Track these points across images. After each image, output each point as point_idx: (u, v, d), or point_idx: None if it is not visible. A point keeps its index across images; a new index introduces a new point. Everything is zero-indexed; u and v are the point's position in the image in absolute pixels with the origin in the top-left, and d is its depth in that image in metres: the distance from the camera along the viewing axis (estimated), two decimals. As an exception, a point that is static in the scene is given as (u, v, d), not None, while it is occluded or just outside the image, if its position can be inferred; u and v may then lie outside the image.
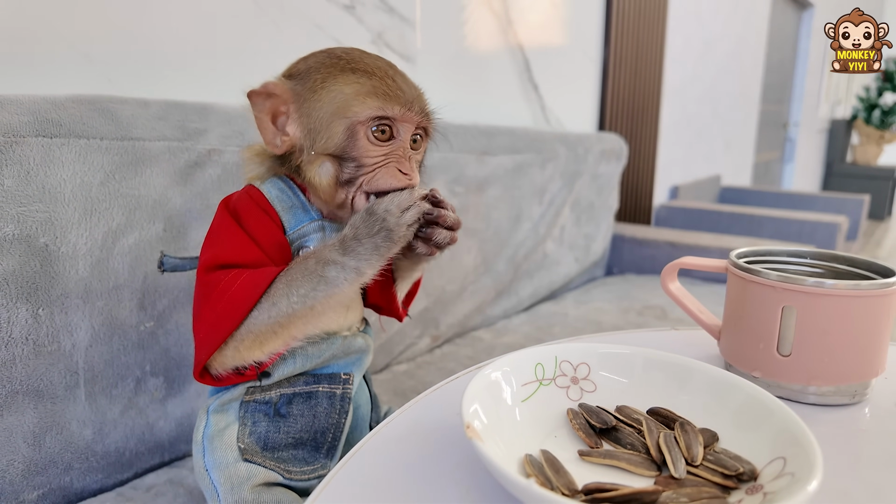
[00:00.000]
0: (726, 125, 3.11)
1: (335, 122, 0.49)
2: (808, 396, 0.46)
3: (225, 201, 0.53)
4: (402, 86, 0.50)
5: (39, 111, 0.59)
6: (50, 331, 0.59)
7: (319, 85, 0.49)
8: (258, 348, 0.48)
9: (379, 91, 0.49)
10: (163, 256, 0.65)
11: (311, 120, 0.50)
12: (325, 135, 0.49)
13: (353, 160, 0.49)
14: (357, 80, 0.49)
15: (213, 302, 0.47)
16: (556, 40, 1.64)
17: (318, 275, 0.47)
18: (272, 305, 0.47)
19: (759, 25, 3.31)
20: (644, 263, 1.68)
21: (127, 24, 0.78)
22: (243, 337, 0.47)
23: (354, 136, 0.49)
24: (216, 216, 0.52)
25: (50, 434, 0.60)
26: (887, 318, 0.45)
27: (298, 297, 0.46)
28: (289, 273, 0.47)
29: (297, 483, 0.53)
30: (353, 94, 0.49)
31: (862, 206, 2.76)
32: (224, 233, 0.50)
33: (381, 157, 0.50)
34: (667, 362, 0.43)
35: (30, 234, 0.57)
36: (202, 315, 0.48)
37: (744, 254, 0.53)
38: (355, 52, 0.51)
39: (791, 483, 0.30)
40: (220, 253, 0.49)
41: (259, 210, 0.51)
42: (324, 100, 0.49)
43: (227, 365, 0.49)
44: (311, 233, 0.52)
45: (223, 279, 0.47)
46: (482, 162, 1.18)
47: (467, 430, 0.33)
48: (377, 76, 0.49)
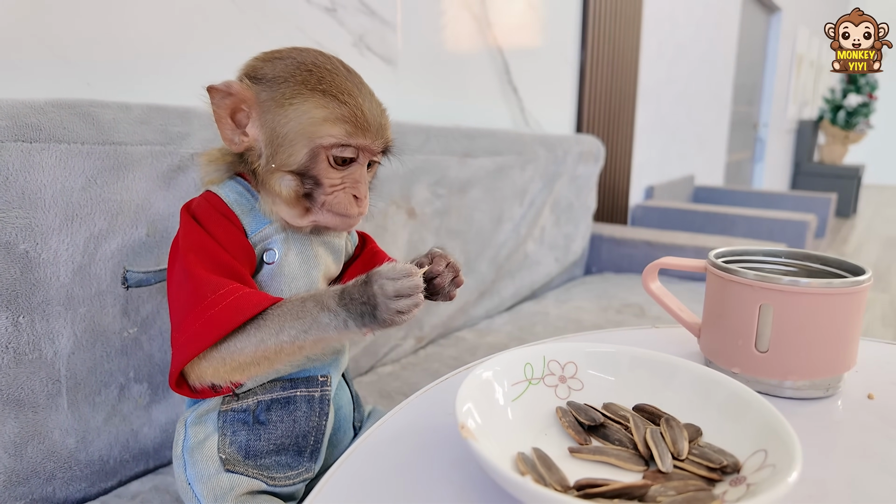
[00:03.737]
0: (699, 126, 3.18)
1: (299, 143, 0.49)
2: (784, 390, 0.48)
3: (185, 207, 0.52)
4: (368, 114, 0.51)
5: (19, 115, 0.58)
6: (31, 338, 0.58)
7: (287, 100, 0.49)
8: (240, 373, 0.48)
9: (348, 119, 0.49)
10: (125, 272, 0.63)
11: (274, 134, 0.50)
12: (288, 152, 0.49)
13: (312, 179, 0.50)
14: (326, 104, 0.49)
15: (196, 314, 0.46)
16: (535, 43, 1.66)
17: (312, 318, 0.46)
18: (261, 341, 0.46)
19: (730, 29, 3.39)
20: (622, 262, 1.71)
21: (105, 27, 0.77)
22: (227, 361, 0.47)
23: (316, 157, 0.50)
24: (181, 223, 0.51)
25: (32, 444, 0.59)
26: (858, 315, 0.47)
27: (288, 336, 0.46)
28: (282, 308, 0.47)
29: (281, 489, 0.53)
30: (321, 119, 0.49)
31: (829, 204, 2.85)
32: (194, 237, 0.50)
33: (339, 181, 0.51)
34: (651, 360, 0.44)
35: (9, 240, 0.56)
36: (184, 325, 0.47)
37: (722, 254, 0.55)
38: (325, 67, 0.51)
39: (772, 474, 0.31)
40: (199, 257, 0.48)
41: (219, 215, 0.51)
42: (290, 117, 0.49)
43: (204, 380, 0.48)
44: (273, 235, 0.52)
45: (210, 294, 0.46)
46: (464, 164, 1.19)
47: (462, 430, 0.34)
48: (347, 104, 0.49)
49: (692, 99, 2.99)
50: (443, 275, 0.53)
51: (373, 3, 1.13)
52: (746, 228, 2.14)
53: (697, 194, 3.09)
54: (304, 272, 0.53)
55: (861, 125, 5.49)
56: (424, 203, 1.11)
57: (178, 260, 0.49)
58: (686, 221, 2.26)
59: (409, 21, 1.22)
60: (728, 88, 3.56)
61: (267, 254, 0.52)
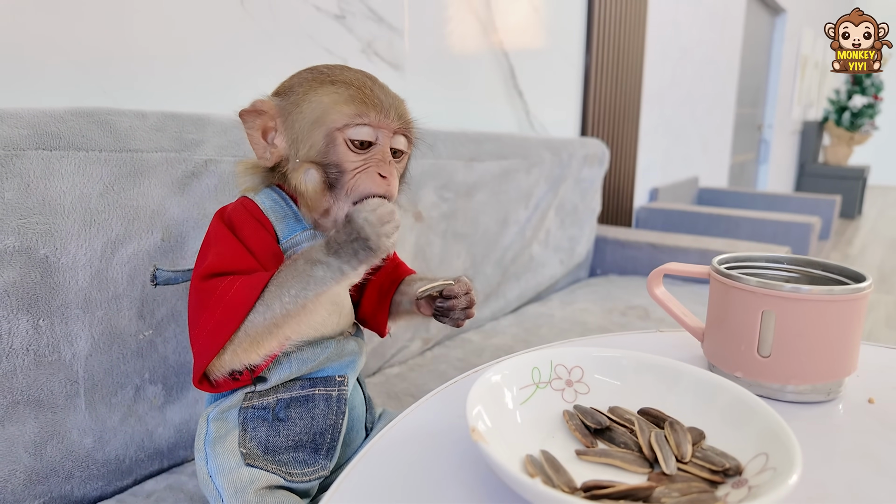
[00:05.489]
0: (703, 128, 3.18)
1: (315, 130, 0.51)
2: (786, 395, 0.49)
3: (220, 212, 0.54)
4: (379, 94, 0.53)
5: (39, 124, 0.59)
6: (50, 341, 0.60)
7: (301, 98, 0.52)
8: (254, 351, 0.49)
9: (356, 98, 0.51)
10: (155, 270, 0.66)
11: (294, 130, 0.52)
12: (308, 143, 0.52)
13: (335, 166, 0.52)
14: (335, 90, 0.52)
15: (211, 308, 0.48)
16: (540, 47, 1.67)
17: (307, 274, 0.48)
18: (266, 308, 0.48)
19: (734, 31, 3.39)
20: (626, 264, 1.72)
21: (120, 35, 0.78)
22: (241, 340, 0.48)
23: (333, 142, 0.51)
24: (211, 226, 0.53)
25: (51, 443, 0.61)
26: (859, 321, 0.48)
27: (290, 297, 0.48)
28: (279, 275, 0.49)
29: (297, 485, 0.55)
30: (331, 103, 0.51)
31: (834, 206, 2.85)
32: (219, 242, 0.52)
33: (361, 162, 0.52)
34: (656, 365, 0.45)
35: (30, 245, 0.58)
36: (200, 323, 0.49)
37: (725, 260, 0.56)
38: (337, 67, 0.54)
39: (773, 477, 0.32)
40: (216, 262, 0.50)
41: (253, 220, 0.53)
42: (305, 111, 0.52)
43: (224, 369, 0.50)
44: (304, 241, 0.54)
45: (219, 286, 0.49)
46: (470, 168, 1.20)
47: (473, 434, 0.35)
48: (354, 86, 0.52)
49: (696, 101, 2.99)
50: (458, 298, 0.56)
51: (381, 9, 1.15)
52: (750, 231, 2.14)
53: (702, 196, 3.09)
54: None
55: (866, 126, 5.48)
56: (431, 206, 1.12)
57: (201, 264, 0.51)
58: (690, 223, 2.26)
59: (416, 27, 1.24)
60: (732, 90, 3.56)
61: None
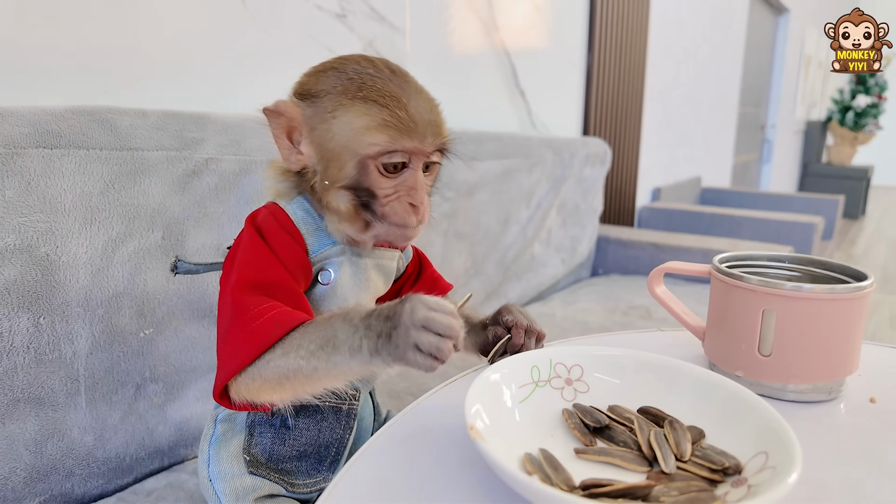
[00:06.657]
0: (706, 128, 3.18)
1: (346, 156, 0.48)
2: (787, 394, 0.49)
3: (251, 217, 0.51)
4: (415, 114, 0.48)
5: (40, 123, 0.59)
6: (51, 339, 0.60)
7: (330, 114, 0.48)
8: (266, 393, 0.45)
9: (390, 123, 0.47)
10: (177, 260, 0.66)
11: (323, 150, 0.49)
12: (337, 167, 0.48)
13: (366, 191, 0.49)
14: (367, 111, 0.47)
15: (237, 328, 0.45)
16: (542, 47, 1.67)
17: (332, 331, 0.43)
18: (282, 355, 0.44)
19: (737, 30, 3.38)
20: (628, 264, 1.72)
21: (121, 34, 0.78)
22: (253, 377, 0.45)
23: (365, 169, 0.48)
24: (244, 232, 0.51)
25: (51, 441, 0.61)
26: (860, 320, 0.48)
27: (306, 352, 0.43)
28: (309, 324, 0.44)
29: (299, 496, 0.54)
30: (363, 128, 0.47)
31: (837, 206, 2.84)
32: (254, 252, 0.49)
33: (392, 190, 0.49)
34: (656, 364, 0.45)
35: (31, 244, 0.58)
36: (227, 338, 0.46)
37: (726, 258, 0.55)
38: (366, 72, 0.49)
39: (773, 476, 0.32)
40: (251, 273, 0.47)
41: (283, 231, 0.50)
42: (334, 131, 0.48)
43: (241, 395, 0.46)
44: (334, 256, 0.52)
45: (252, 309, 0.45)
46: (471, 167, 1.20)
47: (471, 431, 0.35)
48: (388, 107, 0.47)
49: (699, 100, 2.98)
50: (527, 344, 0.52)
51: (382, 8, 1.15)
52: (753, 230, 2.13)
53: (704, 196, 3.08)
54: (355, 294, 0.53)
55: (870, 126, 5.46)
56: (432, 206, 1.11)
57: (232, 272, 0.49)
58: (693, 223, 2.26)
59: (418, 26, 1.24)
60: (735, 90, 3.55)
61: (322, 274, 0.51)
